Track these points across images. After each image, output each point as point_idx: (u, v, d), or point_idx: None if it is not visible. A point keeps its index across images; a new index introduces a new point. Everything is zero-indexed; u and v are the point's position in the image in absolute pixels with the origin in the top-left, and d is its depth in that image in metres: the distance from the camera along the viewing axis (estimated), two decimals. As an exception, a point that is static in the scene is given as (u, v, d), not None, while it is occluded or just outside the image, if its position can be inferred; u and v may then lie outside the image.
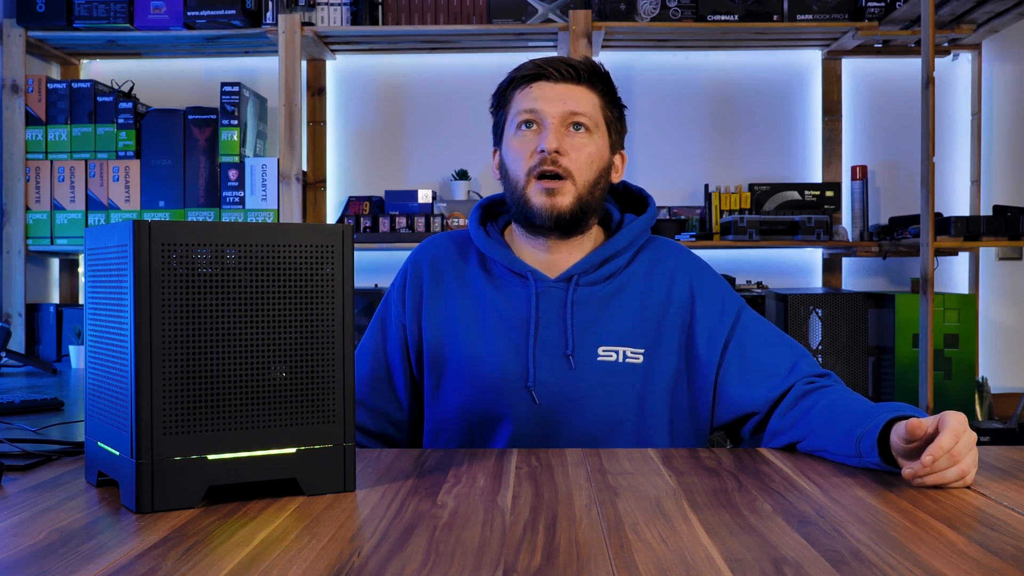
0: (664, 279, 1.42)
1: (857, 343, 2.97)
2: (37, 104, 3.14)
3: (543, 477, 1.10)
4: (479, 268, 1.44)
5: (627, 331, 1.38)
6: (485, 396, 1.37)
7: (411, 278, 1.46)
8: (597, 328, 1.38)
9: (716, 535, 0.86)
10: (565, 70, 1.37)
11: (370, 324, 1.50)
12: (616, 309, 1.39)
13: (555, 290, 1.39)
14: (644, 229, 1.44)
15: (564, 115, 1.36)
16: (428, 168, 3.44)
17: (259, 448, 0.98)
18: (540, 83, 1.37)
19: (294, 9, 3.16)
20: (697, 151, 3.44)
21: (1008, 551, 0.81)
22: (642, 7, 3.11)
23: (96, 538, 0.85)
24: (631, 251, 1.43)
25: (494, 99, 1.45)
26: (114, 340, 0.97)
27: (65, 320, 3.18)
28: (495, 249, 1.42)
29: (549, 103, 1.36)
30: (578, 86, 1.38)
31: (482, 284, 1.42)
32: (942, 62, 3.39)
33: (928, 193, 2.64)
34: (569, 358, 1.37)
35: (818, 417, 1.24)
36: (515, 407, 1.37)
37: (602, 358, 1.37)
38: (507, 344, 1.38)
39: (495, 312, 1.40)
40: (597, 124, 1.39)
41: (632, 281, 1.42)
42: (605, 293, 1.40)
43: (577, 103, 1.37)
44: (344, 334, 1.01)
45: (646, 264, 1.43)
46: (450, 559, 0.79)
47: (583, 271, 1.40)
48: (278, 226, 0.99)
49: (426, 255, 1.47)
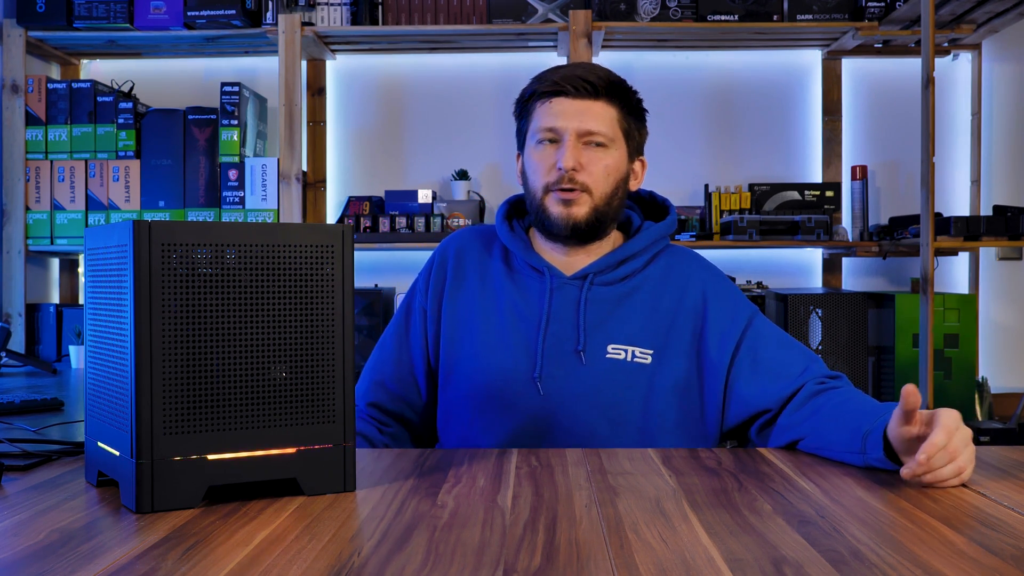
0: (678, 285, 1.46)
1: (857, 343, 2.97)
2: (37, 104, 3.14)
3: (543, 477, 1.10)
4: (501, 262, 1.50)
5: (637, 331, 1.42)
6: (493, 384, 1.42)
7: (437, 265, 1.52)
8: (608, 326, 1.42)
9: (716, 535, 0.86)
10: (582, 86, 1.41)
11: (396, 311, 1.56)
12: (628, 309, 1.43)
13: (570, 287, 1.44)
14: (662, 235, 1.49)
15: (581, 132, 1.41)
16: (428, 168, 3.44)
17: (259, 448, 0.98)
18: (559, 99, 1.42)
19: (294, 9, 3.16)
20: (697, 151, 3.44)
21: (1008, 551, 0.81)
22: (642, 7, 3.11)
23: (96, 538, 0.85)
24: (648, 255, 1.47)
25: (517, 107, 1.50)
26: (114, 340, 0.97)
27: (65, 320, 3.18)
28: (516, 244, 1.48)
29: (567, 119, 1.41)
30: (596, 101, 1.42)
31: (502, 277, 1.48)
32: (942, 62, 3.39)
33: (928, 193, 2.64)
34: (580, 353, 1.40)
35: (826, 415, 1.25)
36: (521, 397, 1.40)
37: (611, 355, 1.40)
38: (518, 336, 1.42)
39: (511, 305, 1.45)
40: (613, 138, 1.43)
41: (646, 284, 1.46)
42: (619, 293, 1.44)
43: (594, 120, 1.41)
44: (344, 334, 1.01)
45: (661, 269, 1.48)
46: (450, 559, 0.79)
47: (599, 270, 1.45)
48: (278, 226, 0.99)
49: (453, 245, 1.53)
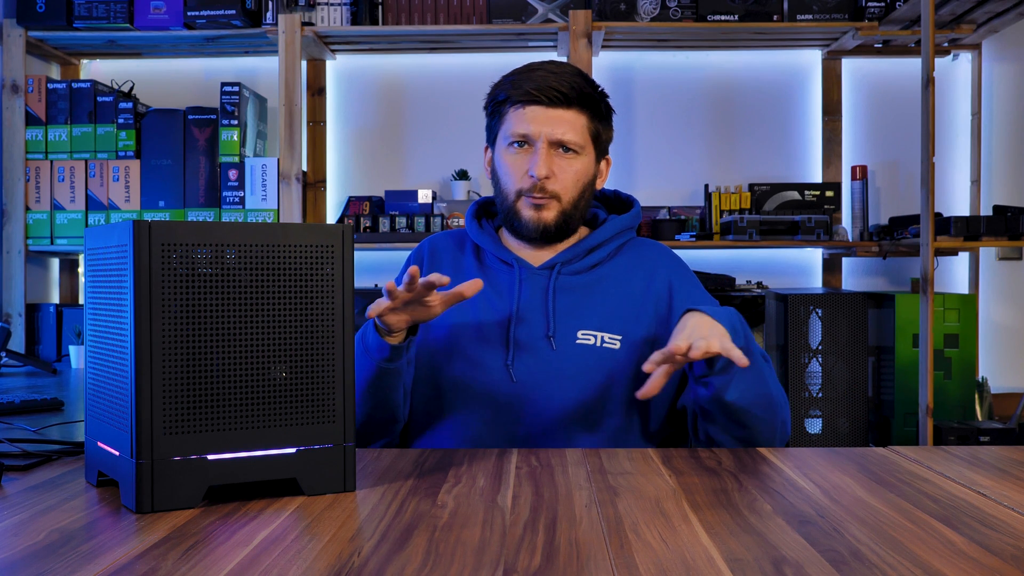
0: (644, 273, 1.52)
1: (857, 343, 2.97)
2: (37, 104, 3.14)
3: (543, 477, 1.10)
4: (473, 258, 1.56)
5: (606, 318, 1.48)
6: (468, 374, 1.46)
7: (413, 262, 1.57)
8: (577, 313, 1.47)
9: (716, 535, 0.86)
10: (555, 96, 1.46)
11: None
12: (597, 297, 1.49)
13: (538, 276, 1.50)
14: (627, 227, 1.56)
15: (553, 139, 1.46)
16: (428, 168, 3.44)
17: (259, 448, 0.98)
18: (532, 107, 1.47)
19: (294, 9, 3.16)
20: (697, 151, 3.44)
21: (1008, 551, 0.81)
22: (642, 7, 3.11)
23: (96, 538, 0.85)
24: (613, 245, 1.53)
25: (488, 104, 1.54)
26: (114, 340, 0.97)
27: (65, 320, 3.17)
28: (486, 240, 1.54)
29: (539, 125, 1.46)
30: (568, 110, 1.47)
31: (474, 272, 1.54)
32: (942, 62, 3.39)
33: (928, 193, 2.64)
34: (550, 339, 1.45)
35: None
36: (495, 385, 1.45)
37: (581, 341, 1.46)
38: (490, 326, 1.48)
39: (483, 296, 1.50)
40: (584, 144, 1.49)
41: (613, 273, 1.52)
42: (586, 282, 1.50)
43: (566, 128, 1.46)
44: (344, 334, 1.01)
45: (629, 259, 1.54)
46: (450, 559, 0.79)
47: (565, 260, 1.51)
48: (278, 226, 0.99)
49: (428, 244, 1.60)
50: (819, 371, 2.97)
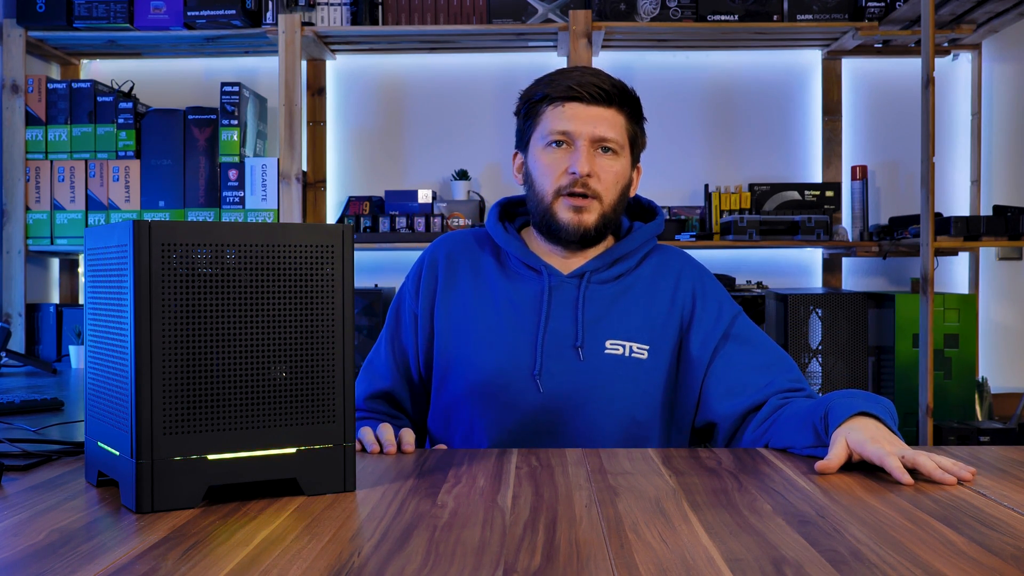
0: (670, 282, 1.49)
1: (857, 343, 2.97)
2: (37, 104, 3.14)
3: (543, 477, 1.10)
4: (494, 261, 1.50)
5: (634, 327, 1.44)
6: (493, 382, 1.42)
7: (427, 269, 1.52)
8: (605, 323, 1.44)
9: (716, 535, 0.86)
10: (597, 93, 1.41)
11: (386, 318, 1.56)
12: (624, 306, 1.45)
13: (568, 285, 1.46)
14: (652, 235, 1.52)
15: (595, 138, 1.41)
16: (428, 168, 3.44)
17: (259, 448, 0.98)
18: (572, 103, 1.42)
19: (294, 9, 3.16)
20: (697, 151, 3.44)
21: (1008, 551, 0.81)
22: (642, 7, 3.11)
23: (96, 538, 0.85)
24: (640, 254, 1.50)
25: (522, 106, 1.49)
26: (114, 340, 0.97)
27: (65, 320, 3.17)
28: (512, 243, 1.48)
29: (581, 124, 1.41)
30: (608, 108, 1.42)
31: (496, 276, 1.48)
32: (942, 62, 3.39)
33: (928, 193, 2.64)
34: (578, 349, 1.42)
35: (783, 420, 1.31)
36: (520, 394, 1.41)
37: (609, 351, 1.42)
38: (516, 334, 1.43)
39: (507, 303, 1.45)
40: (623, 145, 1.45)
41: (640, 282, 1.48)
42: (614, 291, 1.46)
43: (607, 127, 1.42)
44: (344, 334, 1.01)
45: (653, 267, 1.50)
46: (450, 559, 0.79)
47: (595, 269, 1.46)
48: (278, 226, 0.99)
49: (443, 249, 1.53)
50: (819, 371, 2.97)
